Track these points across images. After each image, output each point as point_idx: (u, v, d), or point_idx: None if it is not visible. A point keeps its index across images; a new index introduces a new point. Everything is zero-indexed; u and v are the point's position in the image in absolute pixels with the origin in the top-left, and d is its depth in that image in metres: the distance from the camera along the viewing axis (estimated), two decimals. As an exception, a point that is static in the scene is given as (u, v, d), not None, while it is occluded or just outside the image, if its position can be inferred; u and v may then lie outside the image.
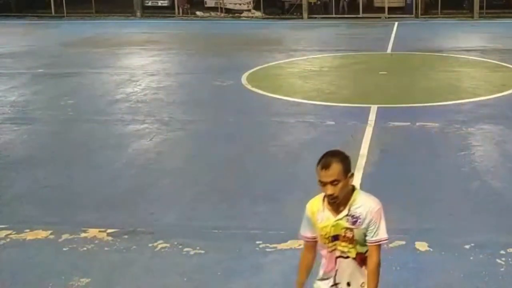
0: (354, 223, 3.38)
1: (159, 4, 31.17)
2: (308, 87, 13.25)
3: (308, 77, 14.42)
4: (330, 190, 3.30)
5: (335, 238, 3.44)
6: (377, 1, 29.99)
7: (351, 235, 3.41)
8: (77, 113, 11.15)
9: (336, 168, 3.28)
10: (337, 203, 3.36)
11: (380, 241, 3.40)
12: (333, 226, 3.43)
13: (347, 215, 3.38)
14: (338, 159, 3.32)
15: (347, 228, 3.40)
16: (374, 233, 3.37)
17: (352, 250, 3.43)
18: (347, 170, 3.34)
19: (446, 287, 5.17)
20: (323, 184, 3.32)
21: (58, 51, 19.03)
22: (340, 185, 3.30)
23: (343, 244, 3.43)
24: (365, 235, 3.38)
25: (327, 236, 3.44)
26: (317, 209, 3.48)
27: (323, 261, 3.51)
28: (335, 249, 3.45)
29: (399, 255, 5.61)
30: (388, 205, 6.73)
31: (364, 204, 3.38)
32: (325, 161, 3.31)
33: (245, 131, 9.96)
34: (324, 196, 3.41)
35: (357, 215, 3.36)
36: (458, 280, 5.22)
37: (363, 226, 3.37)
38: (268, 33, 22.96)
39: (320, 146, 9.07)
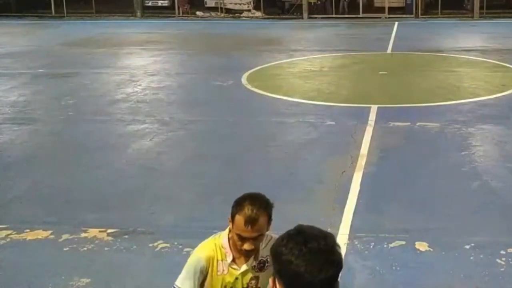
0: (261, 268, 2.91)
1: (159, 4, 31.14)
2: (308, 87, 13.25)
3: (308, 77, 14.41)
4: (249, 245, 2.79)
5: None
6: (377, 1, 29.97)
7: (255, 284, 2.93)
8: (77, 113, 11.15)
9: (262, 221, 2.76)
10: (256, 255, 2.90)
11: None
12: (237, 278, 2.91)
13: (254, 264, 2.91)
14: (263, 208, 2.78)
15: (252, 278, 2.93)
16: None
17: None
18: (271, 218, 2.84)
19: (446, 287, 5.17)
20: (243, 239, 2.78)
21: (58, 51, 19.03)
22: (262, 237, 2.82)
23: None
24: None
25: None
26: (217, 257, 2.91)
27: None
28: None
29: (399, 255, 5.62)
30: (389, 205, 6.79)
31: (268, 244, 2.84)
32: (250, 215, 2.73)
33: (245, 131, 9.96)
34: (225, 242, 2.88)
35: (264, 258, 2.88)
36: (458, 280, 5.22)
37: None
38: (268, 33, 22.95)
39: (320, 146, 9.10)
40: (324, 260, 1.77)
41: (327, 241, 1.82)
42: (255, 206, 2.76)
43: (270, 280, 1.88)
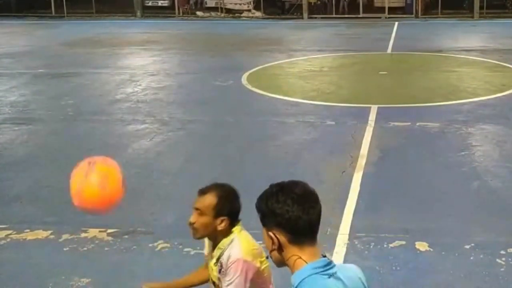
0: (219, 271, 2.94)
1: (159, 4, 31.15)
2: (308, 87, 13.25)
3: (308, 77, 14.42)
4: (192, 217, 2.95)
5: (214, 284, 3.03)
6: (377, 1, 29.98)
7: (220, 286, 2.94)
8: (77, 113, 11.15)
9: (208, 200, 2.94)
10: (198, 237, 2.99)
11: None
12: (212, 269, 3.01)
13: (217, 260, 2.96)
14: (216, 194, 2.96)
15: (218, 278, 2.95)
16: (226, 284, 2.87)
17: None
18: (219, 211, 2.93)
19: (446, 287, 5.17)
20: (193, 208, 2.99)
21: (58, 51, 19.03)
22: (203, 219, 2.92)
23: None
24: None
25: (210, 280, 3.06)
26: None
27: None
28: None
29: (399, 255, 5.62)
30: (388, 205, 6.79)
31: (229, 250, 2.91)
32: (205, 187, 3.02)
33: (245, 131, 9.97)
34: None
35: (222, 261, 2.92)
36: (458, 280, 5.22)
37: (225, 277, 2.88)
38: (268, 33, 22.96)
39: (320, 146, 9.10)
40: (312, 200, 2.12)
41: (304, 185, 2.18)
42: (213, 186, 3.04)
43: (267, 237, 2.09)
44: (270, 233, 2.08)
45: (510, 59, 15.97)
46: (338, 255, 5.59)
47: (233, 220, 2.99)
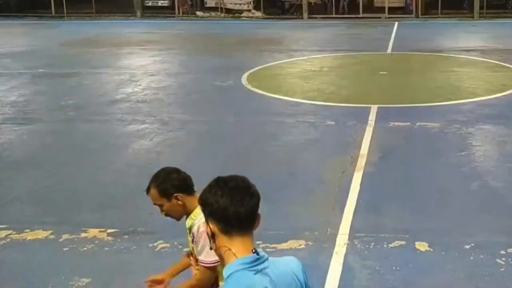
0: (192, 241, 3.18)
1: (159, 4, 31.12)
2: (308, 87, 13.25)
3: (308, 77, 14.41)
4: (160, 211, 3.20)
5: (192, 254, 3.29)
6: (377, 1, 29.96)
7: (195, 257, 3.22)
8: (77, 113, 11.15)
9: (152, 193, 3.17)
10: (178, 219, 3.29)
11: (202, 262, 3.09)
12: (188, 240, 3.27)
13: (189, 230, 3.19)
14: (154, 184, 3.17)
15: (192, 247, 3.21)
16: (199, 251, 3.12)
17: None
18: (167, 194, 3.15)
19: (446, 287, 5.17)
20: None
21: (58, 51, 19.02)
22: (165, 208, 3.18)
23: (194, 263, 3.26)
24: None
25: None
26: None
27: None
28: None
29: (399, 255, 5.62)
30: (389, 205, 6.79)
31: (199, 220, 3.08)
32: (147, 187, 3.21)
33: (245, 131, 9.96)
34: None
35: (194, 231, 3.14)
36: (458, 280, 5.22)
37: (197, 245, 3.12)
38: (268, 33, 22.95)
39: (320, 146, 9.10)
40: (244, 193, 2.19)
41: (243, 180, 2.27)
42: (150, 181, 3.22)
43: (202, 225, 2.26)
44: (205, 223, 2.20)
45: (510, 59, 15.96)
46: (338, 255, 5.60)
47: (187, 191, 3.17)
